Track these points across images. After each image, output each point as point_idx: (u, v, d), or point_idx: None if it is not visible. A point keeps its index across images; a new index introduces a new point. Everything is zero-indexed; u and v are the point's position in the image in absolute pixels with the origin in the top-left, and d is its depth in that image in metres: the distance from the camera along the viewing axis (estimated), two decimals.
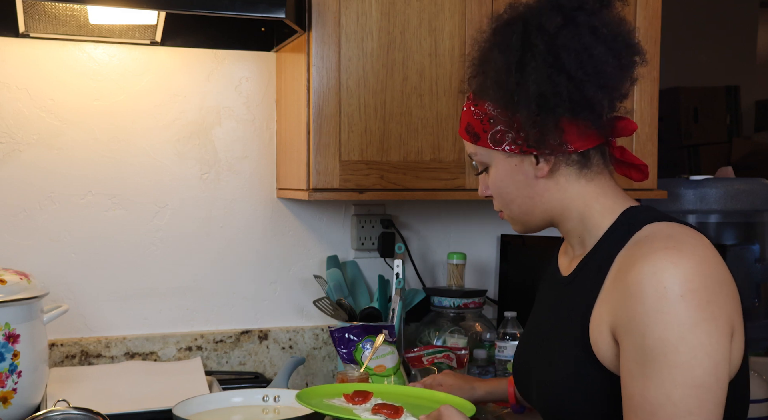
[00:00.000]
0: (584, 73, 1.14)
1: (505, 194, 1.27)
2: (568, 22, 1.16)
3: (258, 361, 2.04)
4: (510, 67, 1.17)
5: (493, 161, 1.26)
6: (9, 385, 1.50)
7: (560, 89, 1.14)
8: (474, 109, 1.25)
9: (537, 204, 1.25)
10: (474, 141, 1.26)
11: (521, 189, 1.25)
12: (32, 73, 1.87)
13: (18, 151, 1.87)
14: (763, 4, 4.80)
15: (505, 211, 1.30)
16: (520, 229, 1.32)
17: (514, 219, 1.30)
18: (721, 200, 2.35)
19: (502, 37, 1.20)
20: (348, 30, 1.76)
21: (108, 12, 1.77)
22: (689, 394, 1.02)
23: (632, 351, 1.06)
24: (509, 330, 1.93)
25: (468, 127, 1.27)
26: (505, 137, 1.23)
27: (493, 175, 1.27)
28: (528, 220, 1.28)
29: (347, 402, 1.38)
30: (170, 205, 1.99)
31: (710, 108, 4.39)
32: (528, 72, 1.16)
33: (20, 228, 1.87)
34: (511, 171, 1.25)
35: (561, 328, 1.23)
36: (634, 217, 1.19)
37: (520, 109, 1.17)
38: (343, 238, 2.14)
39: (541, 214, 1.26)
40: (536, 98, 1.15)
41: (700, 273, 1.05)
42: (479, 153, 1.27)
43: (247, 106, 2.04)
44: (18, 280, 1.54)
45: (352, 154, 1.77)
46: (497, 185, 1.27)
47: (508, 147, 1.23)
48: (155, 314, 1.98)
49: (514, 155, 1.23)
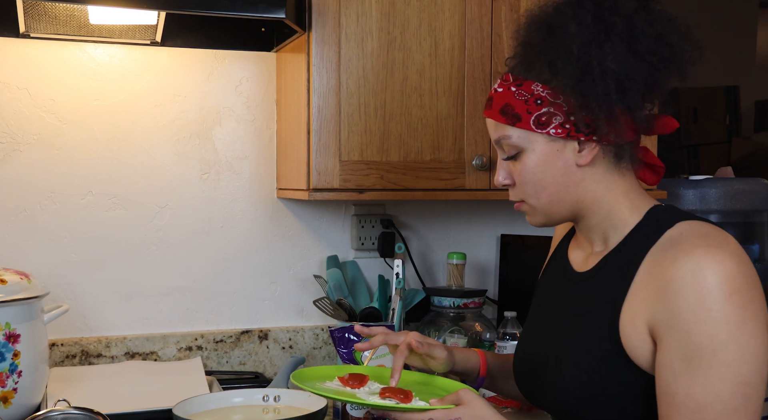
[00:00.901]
0: (658, 58, 1.13)
1: (538, 181, 1.21)
2: (643, 6, 1.14)
3: (258, 361, 2.05)
4: (586, 46, 1.13)
5: (531, 145, 1.20)
6: (9, 384, 1.50)
7: (636, 73, 1.12)
8: (517, 89, 1.20)
9: (570, 194, 1.21)
10: (512, 122, 1.20)
11: (558, 176, 1.20)
12: (32, 73, 1.87)
13: (18, 151, 1.87)
14: (763, 5, 4.80)
15: (530, 200, 1.24)
16: (541, 221, 1.26)
17: (538, 209, 1.24)
18: (721, 200, 2.35)
19: (573, 15, 1.15)
20: (348, 30, 1.76)
21: (108, 12, 1.77)
22: (737, 391, 1.03)
23: (675, 348, 1.06)
24: (509, 330, 1.93)
25: (506, 107, 1.20)
26: (552, 120, 1.18)
27: (528, 160, 1.21)
28: (554, 211, 1.24)
29: (343, 385, 1.33)
30: (170, 205, 1.99)
31: (710, 108, 4.39)
32: (606, 52, 1.12)
33: (20, 228, 1.87)
34: (551, 156, 1.20)
35: (581, 325, 1.21)
36: (662, 216, 1.18)
37: (593, 89, 1.13)
38: (343, 238, 2.14)
39: (571, 206, 1.23)
40: (615, 79, 1.12)
41: (741, 272, 1.06)
42: (515, 136, 1.20)
43: (247, 106, 2.04)
44: (18, 280, 1.54)
45: (352, 154, 1.77)
46: (532, 171, 1.21)
47: (554, 130, 1.18)
48: (155, 314, 1.98)
49: (558, 140, 1.19)
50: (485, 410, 1.17)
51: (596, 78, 1.13)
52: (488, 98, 1.25)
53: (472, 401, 1.18)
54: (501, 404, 1.71)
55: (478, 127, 1.85)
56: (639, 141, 1.24)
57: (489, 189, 1.87)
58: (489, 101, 1.24)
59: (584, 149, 1.19)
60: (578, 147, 1.19)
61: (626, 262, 1.17)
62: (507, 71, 1.23)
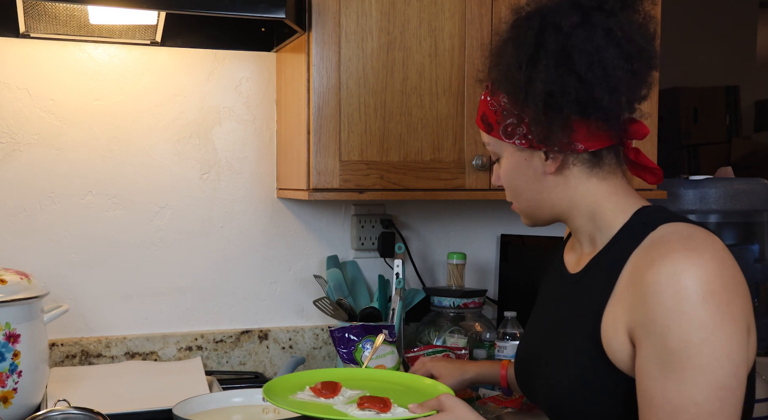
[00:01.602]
0: (594, 75, 1.13)
1: (514, 186, 1.28)
2: (585, 21, 1.15)
3: (258, 361, 2.05)
4: (521, 63, 1.17)
5: (504, 153, 1.27)
6: (9, 384, 1.50)
7: (569, 89, 1.14)
8: (490, 99, 1.26)
9: (545, 199, 1.25)
10: (488, 131, 1.27)
11: (530, 183, 1.26)
12: (32, 73, 1.87)
13: (18, 151, 1.87)
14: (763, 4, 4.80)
15: (514, 202, 1.31)
16: (529, 222, 1.32)
17: (522, 211, 1.31)
18: (721, 200, 2.35)
19: (518, 32, 1.20)
20: (348, 30, 1.76)
21: (108, 12, 1.77)
22: (712, 396, 1.03)
23: (652, 352, 1.06)
24: (509, 330, 1.93)
25: (483, 116, 1.28)
26: (516, 131, 1.23)
27: (504, 166, 1.28)
28: (536, 213, 1.29)
29: (316, 396, 1.31)
30: (170, 205, 1.99)
31: (710, 108, 4.39)
32: (539, 69, 1.15)
33: (20, 228, 1.87)
34: (520, 164, 1.25)
35: (570, 325, 1.22)
36: (647, 217, 1.19)
37: (528, 105, 1.18)
38: (343, 238, 2.14)
39: (549, 210, 1.27)
40: (544, 96, 1.15)
41: (719, 274, 1.05)
42: (492, 143, 1.28)
43: (247, 106, 2.04)
44: (18, 280, 1.54)
45: (352, 154, 1.77)
46: (508, 177, 1.28)
47: (518, 140, 1.24)
48: (155, 314, 1.98)
49: (524, 149, 1.24)
50: (468, 414, 1.19)
51: (528, 95, 1.17)
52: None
53: (454, 407, 1.20)
54: (501, 404, 1.71)
55: (478, 127, 1.85)
56: (627, 143, 1.25)
57: (489, 189, 1.87)
58: (478, 108, 1.31)
59: (549, 159, 1.22)
60: (544, 156, 1.22)
61: (611, 265, 1.18)
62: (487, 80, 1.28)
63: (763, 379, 1.95)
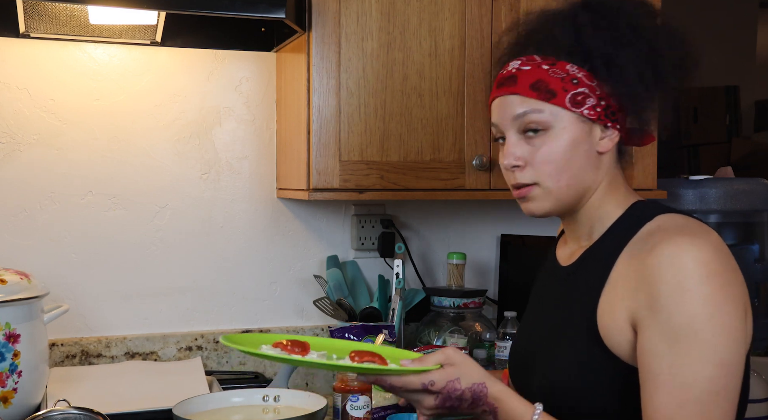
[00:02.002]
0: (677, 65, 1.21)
1: (563, 161, 1.20)
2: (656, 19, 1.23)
3: (258, 361, 2.04)
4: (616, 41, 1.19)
5: (561, 123, 1.20)
6: (9, 384, 1.50)
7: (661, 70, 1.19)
8: (550, 67, 1.20)
9: (584, 180, 1.22)
10: (545, 98, 1.19)
11: (581, 159, 1.21)
12: (32, 73, 1.87)
13: (18, 151, 1.87)
14: (763, 5, 4.80)
15: (547, 182, 1.21)
16: (549, 207, 1.24)
17: (553, 193, 1.22)
18: (721, 200, 2.35)
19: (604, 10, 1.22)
20: (348, 30, 1.76)
21: (108, 12, 1.77)
22: (718, 373, 1.04)
23: (657, 331, 1.07)
24: (509, 330, 1.93)
25: (538, 83, 1.20)
26: (586, 100, 1.19)
27: (557, 138, 1.20)
28: (565, 196, 1.22)
29: (285, 352, 1.16)
30: (170, 205, 1.99)
31: (710, 108, 4.39)
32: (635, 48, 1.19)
33: (20, 228, 1.87)
34: (580, 137, 1.20)
35: (566, 318, 1.23)
36: (642, 210, 1.21)
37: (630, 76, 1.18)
38: (343, 238, 2.14)
39: (581, 192, 1.23)
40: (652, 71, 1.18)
41: (717, 258, 1.08)
42: (548, 111, 1.20)
43: (247, 106, 2.04)
44: (18, 280, 1.54)
45: (352, 154, 1.77)
46: (560, 150, 1.20)
47: (587, 110, 1.20)
48: (155, 314, 1.98)
49: (587, 121, 1.20)
50: (477, 370, 1.16)
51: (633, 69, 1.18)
52: (506, 77, 1.24)
53: (462, 363, 1.15)
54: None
55: (478, 127, 1.85)
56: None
57: (489, 189, 1.87)
58: (510, 79, 1.23)
59: (605, 137, 1.22)
60: (600, 133, 1.22)
61: (605, 255, 1.19)
62: (532, 52, 1.24)
63: (764, 379, 1.95)
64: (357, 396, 1.56)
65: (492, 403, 1.14)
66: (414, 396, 1.15)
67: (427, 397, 1.14)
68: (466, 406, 1.15)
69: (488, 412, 1.15)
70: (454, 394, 1.13)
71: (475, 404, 1.15)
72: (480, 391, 1.14)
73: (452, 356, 1.15)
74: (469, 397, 1.14)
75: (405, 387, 1.13)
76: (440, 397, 1.13)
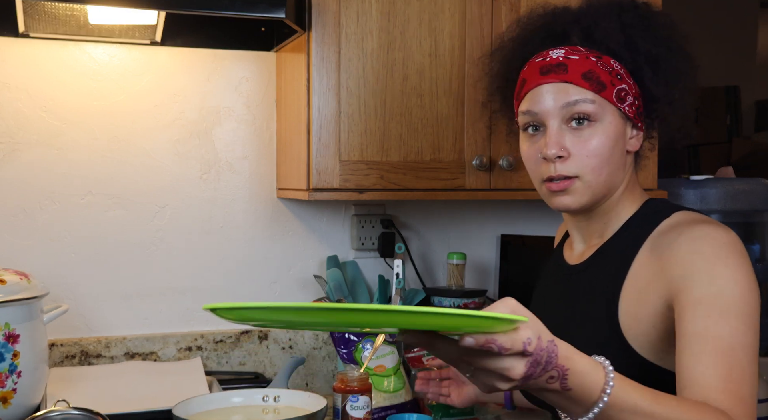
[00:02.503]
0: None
1: (606, 156, 1.19)
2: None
3: (258, 361, 2.04)
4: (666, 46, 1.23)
5: (607, 117, 1.19)
6: (9, 385, 1.50)
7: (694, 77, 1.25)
8: (597, 60, 1.20)
9: (617, 177, 1.23)
10: (597, 89, 1.19)
11: (618, 155, 1.21)
12: (32, 73, 1.87)
13: (18, 151, 1.87)
14: (763, 5, 4.80)
15: (589, 176, 1.19)
16: (584, 202, 1.21)
17: (593, 187, 1.20)
18: (721, 200, 2.35)
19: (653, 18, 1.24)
20: (348, 30, 1.76)
21: (108, 12, 1.77)
22: (754, 341, 1.07)
23: (698, 297, 1.08)
24: None
25: (590, 73, 1.19)
26: (627, 98, 1.21)
27: (602, 132, 1.19)
28: (600, 191, 1.21)
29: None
30: (170, 205, 1.99)
31: (710, 108, 4.39)
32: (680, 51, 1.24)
33: (20, 228, 1.87)
34: (619, 133, 1.21)
35: (580, 315, 1.23)
36: (658, 207, 1.23)
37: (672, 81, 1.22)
38: (343, 238, 2.14)
39: (609, 189, 1.23)
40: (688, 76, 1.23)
41: (738, 242, 1.12)
42: (598, 102, 1.19)
43: (247, 106, 2.04)
44: (18, 280, 1.54)
45: (352, 154, 1.77)
46: (604, 144, 1.19)
47: (627, 107, 1.21)
48: (155, 314, 1.98)
49: (624, 119, 1.22)
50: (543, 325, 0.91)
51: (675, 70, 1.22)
52: (554, 64, 1.21)
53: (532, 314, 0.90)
54: (501, 404, 1.71)
55: (478, 127, 1.85)
56: None
57: (489, 189, 1.86)
58: (559, 66, 1.20)
59: (633, 137, 1.24)
60: (630, 132, 1.23)
61: (621, 252, 1.20)
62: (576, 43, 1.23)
63: (764, 380, 1.95)
64: (357, 396, 1.56)
65: (563, 365, 0.90)
66: (505, 363, 0.87)
67: (518, 363, 0.87)
68: (539, 372, 0.89)
69: (555, 378, 0.90)
70: (539, 356, 0.88)
71: (545, 370, 0.89)
72: (552, 351, 0.89)
73: (517, 307, 0.89)
74: (544, 360, 0.88)
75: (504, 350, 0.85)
76: (529, 362, 0.87)
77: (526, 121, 1.24)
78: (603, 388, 0.91)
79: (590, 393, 0.91)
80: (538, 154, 1.21)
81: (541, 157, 1.21)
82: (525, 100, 1.23)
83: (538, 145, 1.22)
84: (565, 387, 0.90)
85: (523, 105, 1.24)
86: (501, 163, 1.85)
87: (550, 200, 1.23)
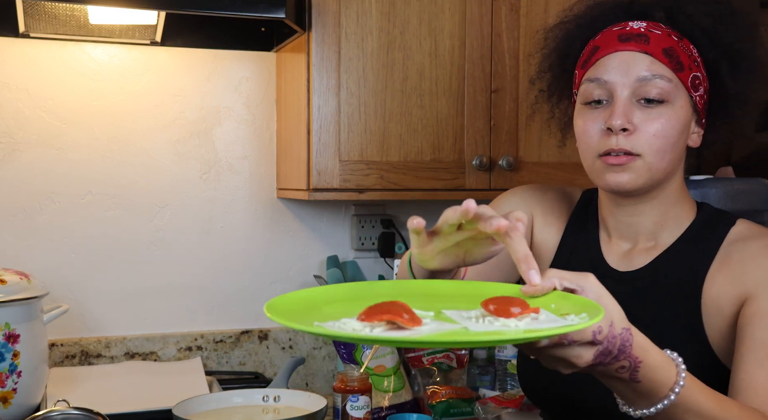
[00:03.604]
0: None
1: (672, 140, 1.11)
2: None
3: (258, 361, 2.04)
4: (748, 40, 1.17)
5: (678, 101, 1.11)
6: (9, 385, 1.50)
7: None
8: (678, 40, 1.12)
9: (676, 167, 1.15)
10: (675, 68, 1.11)
11: (681, 145, 1.14)
12: (32, 73, 1.87)
13: (18, 151, 1.87)
14: (764, 5, 4.79)
15: (652, 157, 1.10)
16: (641, 184, 1.11)
17: (652, 170, 1.11)
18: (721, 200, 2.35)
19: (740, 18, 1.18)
20: (348, 30, 1.76)
21: (108, 12, 1.77)
22: None
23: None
24: None
25: (671, 51, 1.11)
26: (699, 87, 1.14)
27: (675, 115, 1.11)
28: (657, 177, 1.12)
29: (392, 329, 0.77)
30: (170, 205, 1.99)
31: None
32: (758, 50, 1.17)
33: (20, 228, 1.87)
34: (687, 121, 1.13)
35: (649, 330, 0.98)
36: (713, 214, 1.19)
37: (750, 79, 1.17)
38: (343, 238, 2.14)
39: (665, 178, 1.14)
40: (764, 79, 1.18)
41: None
42: (674, 82, 1.11)
43: (247, 106, 2.04)
44: (18, 280, 1.54)
45: (352, 154, 1.77)
46: (675, 127, 1.11)
47: (698, 97, 1.14)
48: (155, 314, 1.98)
49: (692, 109, 1.14)
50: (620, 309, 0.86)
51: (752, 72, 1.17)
52: (634, 33, 1.12)
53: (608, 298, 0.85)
54: (501, 404, 1.71)
55: (478, 127, 1.85)
56: None
57: (489, 189, 1.86)
58: (640, 37, 1.12)
59: (695, 133, 1.17)
60: (693, 127, 1.16)
61: (691, 263, 1.15)
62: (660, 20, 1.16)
63: None
64: (357, 396, 1.56)
65: (637, 356, 0.85)
66: (573, 351, 0.82)
67: (586, 352, 0.82)
68: (609, 360, 0.84)
69: (626, 369, 0.86)
70: (611, 345, 0.83)
71: (617, 359, 0.84)
72: (627, 340, 0.84)
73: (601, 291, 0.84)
74: (617, 349, 0.83)
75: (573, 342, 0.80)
76: (599, 350, 0.82)
77: (590, 91, 1.13)
78: (672, 386, 0.89)
79: (659, 388, 0.89)
80: (600, 124, 1.11)
81: (604, 127, 1.10)
82: (595, 67, 1.13)
83: (602, 116, 1.11)
84: (634, 378, 0.87)
85: (591, 72, 1.14)
86: (501, 163, 1.85)
87: (604, 176, 1.11)
